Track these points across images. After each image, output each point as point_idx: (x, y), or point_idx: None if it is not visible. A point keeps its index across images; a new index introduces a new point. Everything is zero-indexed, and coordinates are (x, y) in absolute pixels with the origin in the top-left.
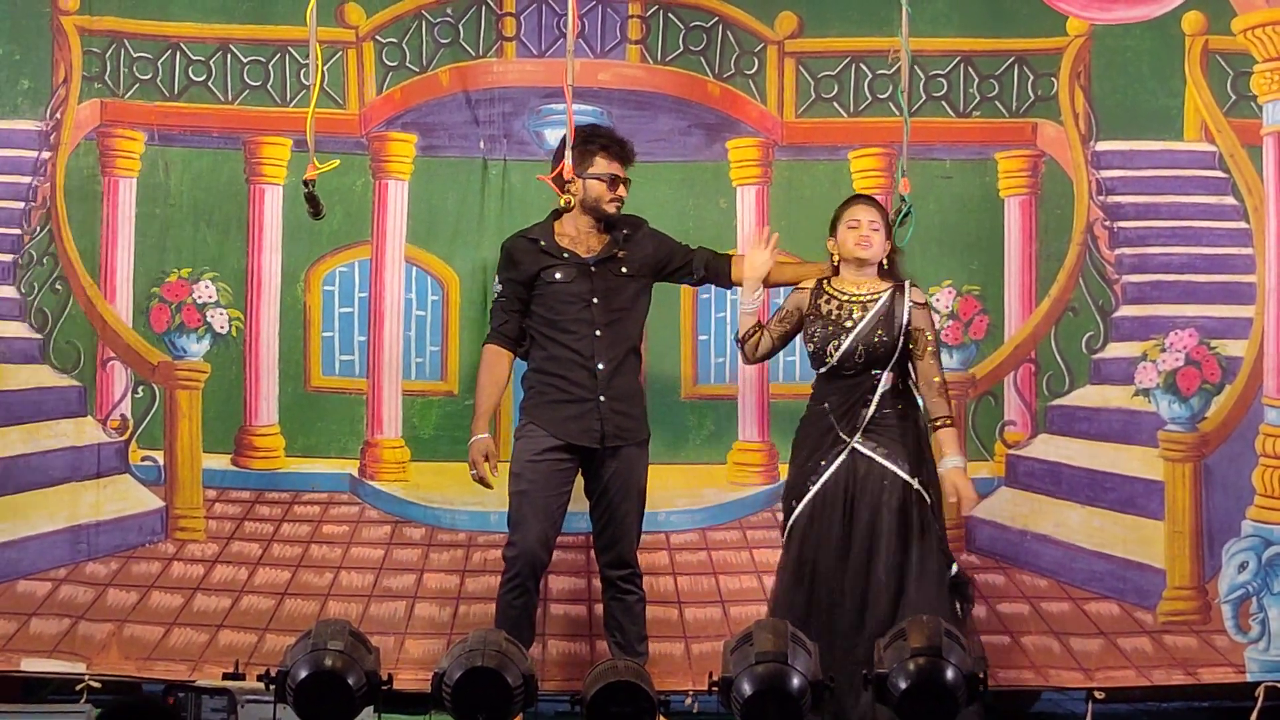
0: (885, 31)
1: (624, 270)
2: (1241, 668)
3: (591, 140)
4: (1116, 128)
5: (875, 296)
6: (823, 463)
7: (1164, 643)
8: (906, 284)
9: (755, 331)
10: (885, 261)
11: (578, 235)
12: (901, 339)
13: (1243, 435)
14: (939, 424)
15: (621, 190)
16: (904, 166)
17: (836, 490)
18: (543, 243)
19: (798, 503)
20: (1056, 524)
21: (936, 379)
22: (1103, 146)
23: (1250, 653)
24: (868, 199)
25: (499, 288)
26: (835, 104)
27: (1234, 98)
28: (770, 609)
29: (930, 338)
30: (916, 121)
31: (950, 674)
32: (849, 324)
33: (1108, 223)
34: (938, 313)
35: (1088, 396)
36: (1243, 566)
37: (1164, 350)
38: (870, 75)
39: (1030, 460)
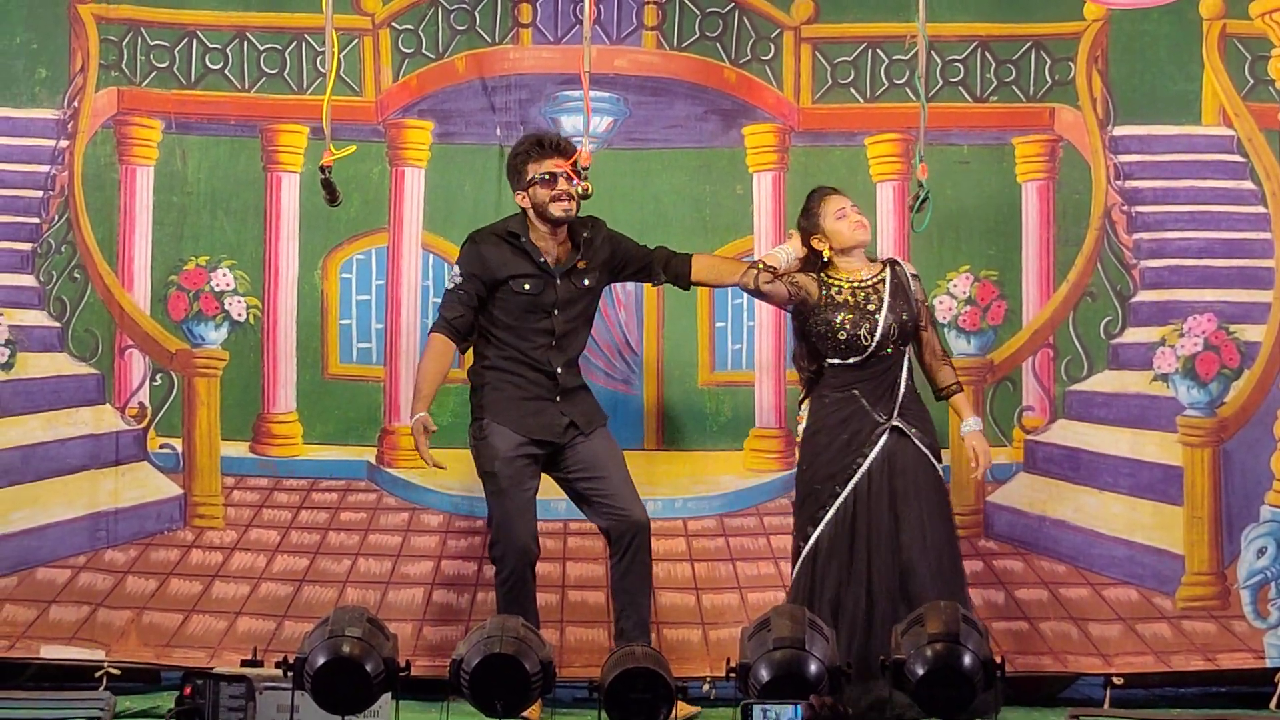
0: (902, 17)
1: (585, 282)
2: (1260, 653)
3: (516, 156)
4: (1134, 112)
5: (881, 277)
6: (865, 446)
7: (1183, 628)
8: (896, 259)
9: (771, 276)
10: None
11: (544, 243)
12: (917, 312)
13: (1261, 420)
14: (951, 389)
15: (568, 185)
16: (921, 152)
17: (880, 474)
18: (522, 237)
19: (841, 488)
20: (1075, 509)
21: (939, 347)
22: (1120, 131)
23: (1269, 638)
24: (832, 189)
25: (458, 279)
26: (852, 89)
27: (1252, 82)
28: (805, 596)
29: (929, 308)
30: (934, 107)
31: (968, 660)
32: (871, 307)
33: (1126, 207)
34: (955, 298)
35: (1106, 382)
36: (1261, 552)
37: (1182, 335)
38: (887, 61)
39: (1048, 445)
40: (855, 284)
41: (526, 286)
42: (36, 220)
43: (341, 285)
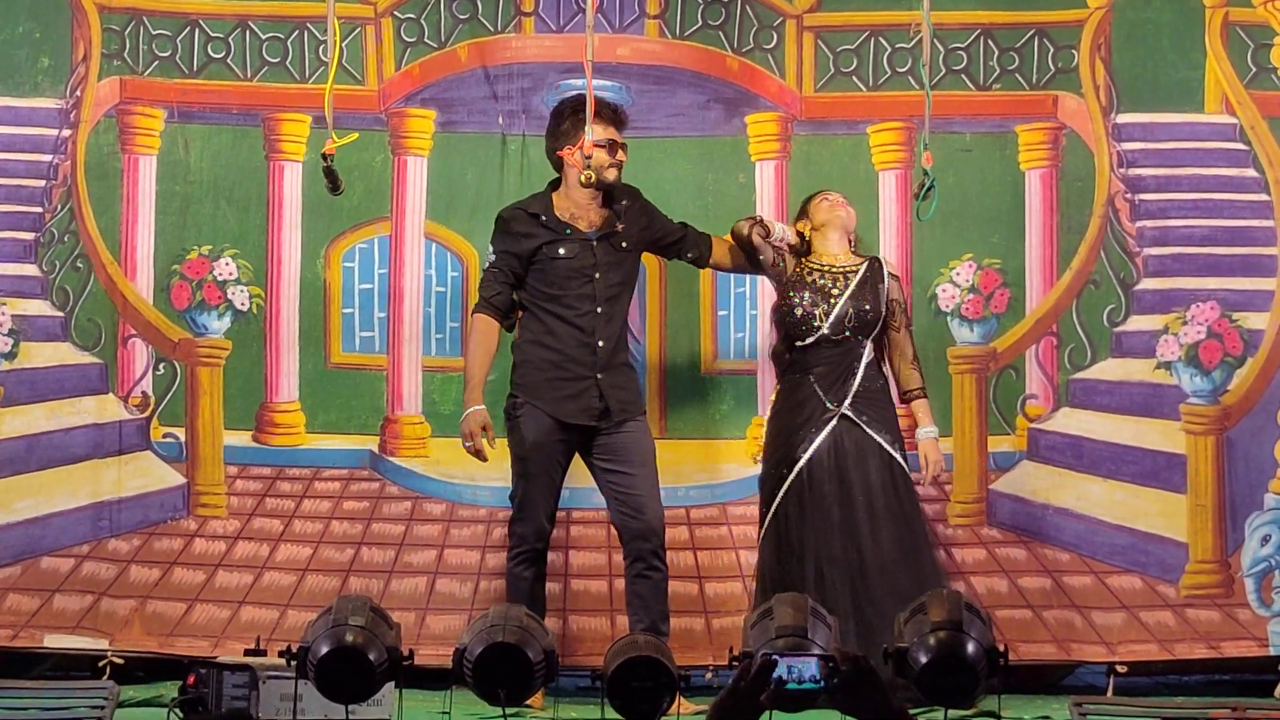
0: (904, 5)
1: (623, 245)
2: (1264, 641)
3: (580, 110)
4: (1137, 100)
5: (855, 268)
6: (813, 430)
7: (1186, 616)
8: (879, 256)
9: (764, 233)
10: (853, 244)
11: (578, 209)
12: (883, 309)
13: (1265, 408)
14: (914, 394)
15: (620, 155)
16: (925, 140)
17: (827, 460)
18: (543, 217)
19: (788, 471)
20: (1078, 498)
21: (910, 350)
22: (1123, 119)
23: (1273, 626)
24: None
25: (493, 257)
26: (855, 78)
27: (1254, 70)
28: (759, 580)
29: (904, 308)
30: (936, 95)
31: (971, 648)
32: (836, 291)
33: (1129, 195)
34: (958, 287)
35: (1109, 370)
36: (1265, 539)
37: (1185, 323)
38: (890, 49)
39: (1052, 434)
40: (826, 268)
41: (562, 251)
42: (39, 210)
43: (344, 274)
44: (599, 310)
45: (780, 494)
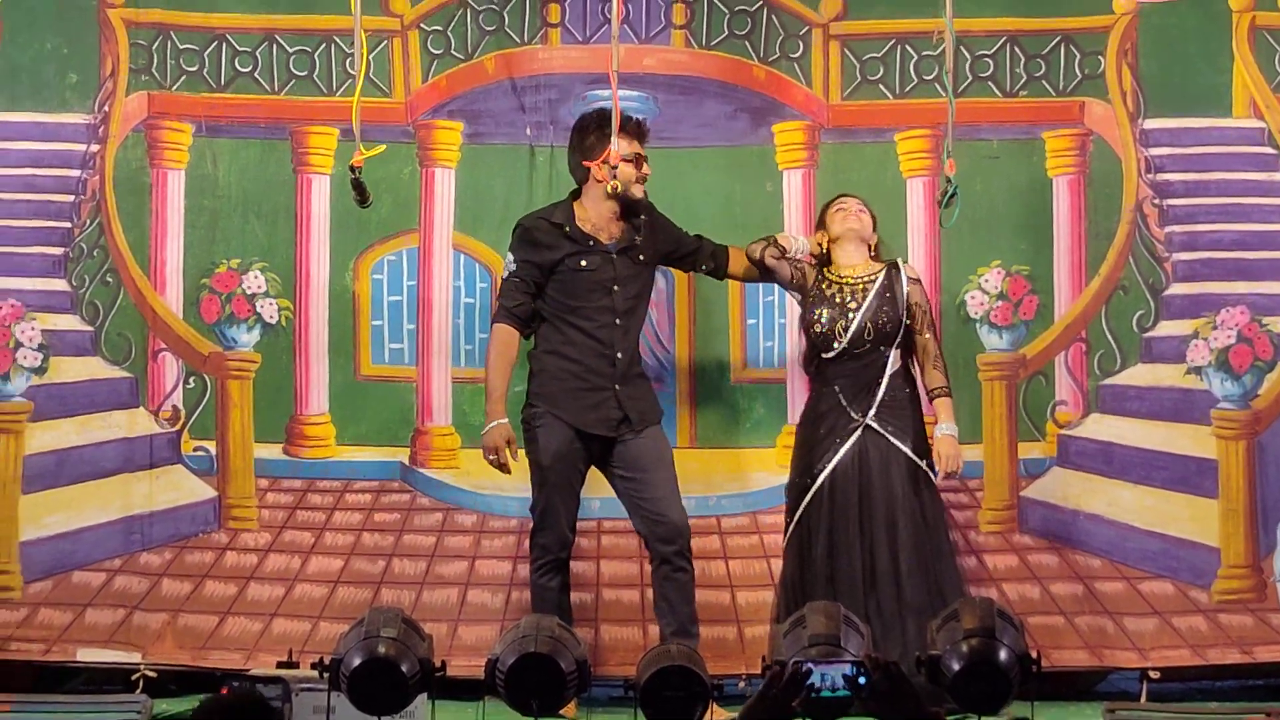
0: (930, 13)
1: (641, 258)
2: None
3: (605, 124)
4: (1164, 105)
5: (873, 277)
6: (837, 440)
7: (1219, 621)
8: (899, 261)
9: (779, 254)
10: (873, 249)
11: (600, 221)
12: (904, 315)
13: None
14: (936, 393)
15: (645, 169)
16: (950, 148)
17: (851, 471)
18: (567, 228)
19: (812, 482)
20: (1109, 503)
21: (933, 351)
22: (1151, 124)
23: None
24: (849, 195)
25: (513, 266)
26: (881, 86)
27: None
28: (781, 586)
29: (927, 311)
30: (963, 102)
31: (1004, 655)
32: (853, 304)
33: (1157, 200)
34: (987, 294)
35: (1139, 375)
36: None
37: (1215, 328)
38: (916, 57)
39: (1082, 440)
40: (845, 281)
41: (584, 263)
42: (68, 225)
43: (373, 286)
44: (617, 322)
45: (804, 504)
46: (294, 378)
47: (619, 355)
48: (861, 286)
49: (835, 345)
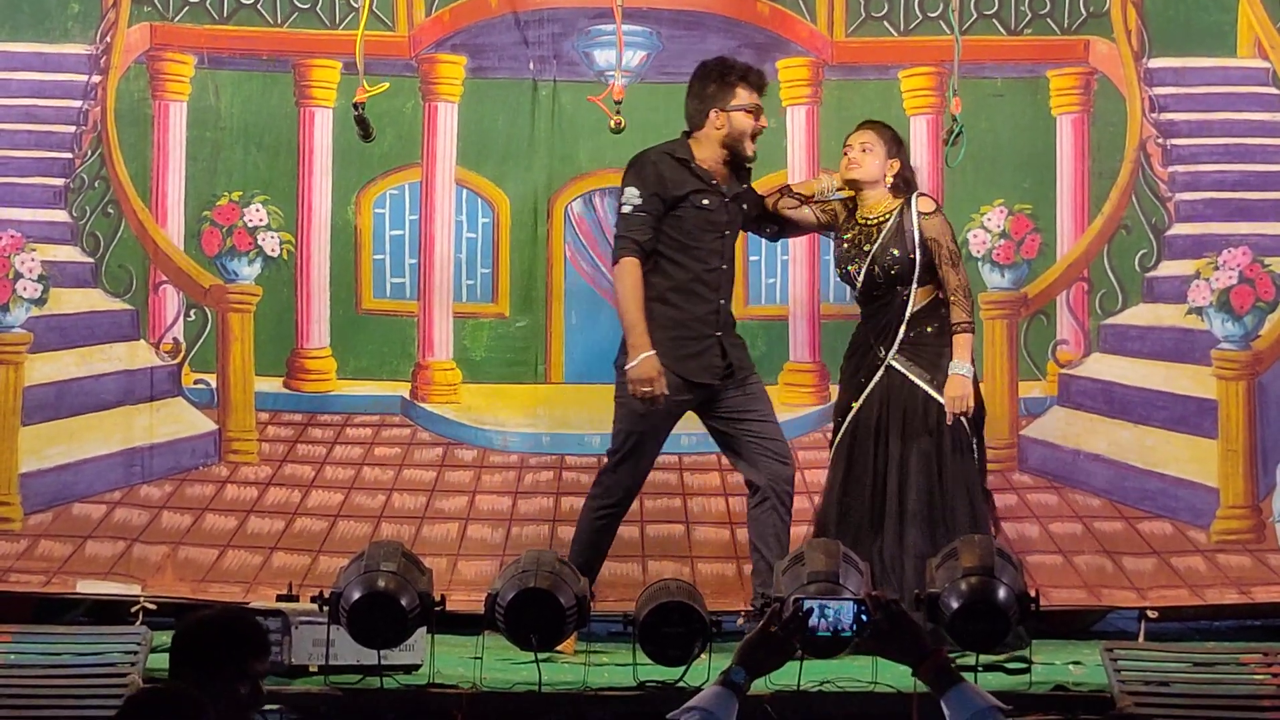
0: None
1: (744, 206)
2: None
3: (729, 71)
4: (1169, 44)
5: (888, 215)
6: (862, 379)
7: (1217, 561)
8: (913, 196)
9: (796, 203)
10: (898, 181)
11: (716, 166)
12: (918, 252)
13: None
14: (955, 328)
15: (763, 120)
16: (955, 85)
17: (871, 409)
18: (692, 164)
19: (842, 420)
20: (1109, 443)
21: (954, 284)
22: (1155, 63)
23: None
24: (869, 123)
25: (638, 200)
26: (885, 23)
27: None
28: (815, 524)
29: (945, 244)
30: (967, 40)
31: (1002, 593)
32: (867, 247)
33: (1160, 140)
34: (990, 232)
35: (1140, 315)
36: None
37: (1217, 268)
38: None
39: (1083, 379)
40: (862, 222)
41: (705, 202)
42: (69, 155)
43: (375, 220)
44: (724, 267)
45: (836, 439)
46: (295, 311)
47: (723, 301)
48: (876, 226)
49: (857, 286)
